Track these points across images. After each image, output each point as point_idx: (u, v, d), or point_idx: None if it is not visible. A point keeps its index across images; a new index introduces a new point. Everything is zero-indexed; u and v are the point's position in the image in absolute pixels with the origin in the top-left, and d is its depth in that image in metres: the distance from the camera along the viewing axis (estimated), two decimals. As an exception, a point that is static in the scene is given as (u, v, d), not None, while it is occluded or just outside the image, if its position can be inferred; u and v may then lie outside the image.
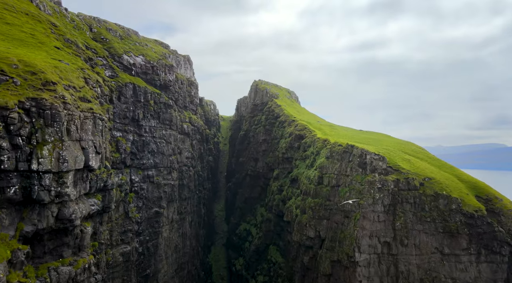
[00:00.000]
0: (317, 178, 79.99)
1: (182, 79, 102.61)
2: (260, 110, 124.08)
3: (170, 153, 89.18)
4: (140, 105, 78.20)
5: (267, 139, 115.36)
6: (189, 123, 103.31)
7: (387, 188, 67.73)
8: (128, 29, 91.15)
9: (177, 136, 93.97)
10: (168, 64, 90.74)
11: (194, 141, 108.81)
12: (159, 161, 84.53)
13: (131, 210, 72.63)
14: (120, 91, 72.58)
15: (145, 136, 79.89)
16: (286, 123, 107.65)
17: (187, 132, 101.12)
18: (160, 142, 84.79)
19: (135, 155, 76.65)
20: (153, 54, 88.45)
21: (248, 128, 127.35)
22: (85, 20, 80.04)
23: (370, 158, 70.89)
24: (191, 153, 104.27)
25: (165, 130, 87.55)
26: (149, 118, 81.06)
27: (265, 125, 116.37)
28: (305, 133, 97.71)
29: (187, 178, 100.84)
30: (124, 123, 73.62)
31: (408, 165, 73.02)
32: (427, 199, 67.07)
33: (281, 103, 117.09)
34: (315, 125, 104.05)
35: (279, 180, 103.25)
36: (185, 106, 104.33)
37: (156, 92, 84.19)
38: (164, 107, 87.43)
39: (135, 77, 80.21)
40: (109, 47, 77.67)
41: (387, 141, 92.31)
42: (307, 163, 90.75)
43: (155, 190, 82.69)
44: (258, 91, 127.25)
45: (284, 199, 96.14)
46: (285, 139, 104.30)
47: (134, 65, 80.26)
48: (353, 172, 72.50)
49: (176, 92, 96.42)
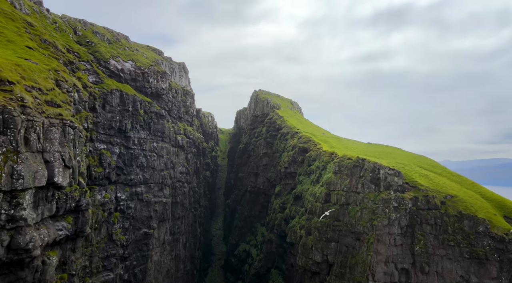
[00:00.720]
0: (323, 195, 72.84)
1: (176, 87, 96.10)
2: (260, 122, 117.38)
3: (162, 167, 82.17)
4: (128, 114, 71.47)
5: (268, 153, 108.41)
6: (183, 136, 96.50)
7: (404, 207, 60.49)
8: (118, 33, 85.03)
9: (170, 149, 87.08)
10: (160, 71, 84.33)
11: (190, 155, 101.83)
12: (149, 176, 77.45)
13: (115, 232, 65.26)
14: (104, 99, 65.93)
15: (133, 149, 72.98)
16: (289, 135, 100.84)
17: (181, 145, 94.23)
18: (150, 155, 77.85)
19: (122, 169, 69.63)
20: (144, 60, 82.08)
21: (248, 141, 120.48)
22: (69, 22, 73.95)
23: (384, 173, 63.80)
24: (185, 168, 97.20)
25: (156, 143, 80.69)
26: (138, 129, 74.28)
27: (266, 137, 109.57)
28: (310, 146, 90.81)
29: (181, 194, 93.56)
30: (109, 135, 66.78)
31: (427, 180, 65.92)
32: (450, 219, 59.75)
33: (283, 114, 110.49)
34: (320, 137, 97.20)
35: (281, 196, 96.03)
36: (180, 117, 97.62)
37: (146, 101, 77.56)
38: (156, 117, 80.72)
39: (123, 84, 73.68)
40: (94, 51, 71.33)
41: (400, 154, 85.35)
42: (312, 178, 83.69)
43: (144, 209, 75.40)
44: (258, 102, 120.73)
45: (287, 218, 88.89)
46: (287, 152, 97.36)
47: (122, 71, 73.79)
48: (365, 189, 65.34)
49: (170, 101, 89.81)
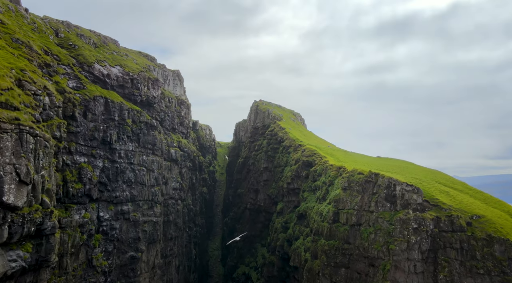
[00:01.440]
0: (331, 214, 65.87)
1: (170, 96, 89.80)
2: (261, 134, 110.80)
3: (152, 183, 75.29)
4: (113, 124, 64.94)
5: (269, 168, 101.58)
6: (177, 148, 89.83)
7: (425, 228, 53.40)
8: (106, 37, 79.07)
9: (162, 163, 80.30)
10: (152, 78, 78.08)
11: (184, 169, 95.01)
12: (138, 193, 70.53)
13: (96, 257, 58.08)
14: (86, 106, 59.48)
15: (119, 162, 66.24)
16: (292, 148, 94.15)
17: (175, 158, 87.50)
18: (139, 169, 71.08)
19: (105, 185, 62.79)
20: (133, 66, 75.91)
21: (248, 155, 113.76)
22: (50, 24, 67.99)
23: (401, 190, 56.87)
24: (179, 183, 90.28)
25: (146, 156, 73.99)
26: (125, 140, 67.66)
27: (267, 151, 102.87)
28: (315, 160, 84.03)
29: (174, 213, 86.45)
30: (91, 146, 60.12)
31: (448, 198, 58.95)
32: (478, 243, 52.59)
33: (285, 126, 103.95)
34: (325, 150, 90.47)
35: (283, 215, 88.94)
36: (173, 129, 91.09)
37: (135, 110, 71.12)
38: (146, 128, 74.17)
39: (109, 90, 67.34)
40: (77, 54, 65.17)
41: (414, 169, 78.46)
42: (317, 195, 76.77)
43: (131, 229, 68.29)
44: (259, 113, 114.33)
45: (290, 239, 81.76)
46: (290, 167, 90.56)
47: (108, 77, 67.50)
48: (379, 207, 58.35)
49: (162, 111, 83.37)
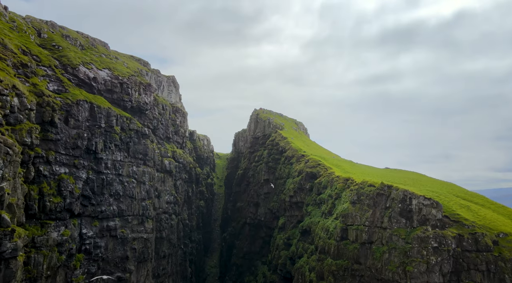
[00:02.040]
0: (339, 230, 60.27)
1: (164, 103, 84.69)
2: (261, 144, 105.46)
3: (143, 196, 69.75)
4: (99, 131, 59.66)
5: (270, 180, 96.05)
6: (172, 159, 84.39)
7: (446, 247, 47.67)
8: (94, 39, 74.25)
9: (154, 175, 74.82)
10: (144, 83, 73.03)
11: (179, 181, 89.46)
12: (127, 207, 64.96)
13: (76, 280, 52.26)
14: (68, 111, 54.24)
15: (105, 173, 60.79)
16: (294, 159, 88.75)
17: (169, 170, 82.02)
18: (128, 181, 65.60)
19: (89, 199, 57.27)
20: (124, 69, 70.90)
21: (247, 166, 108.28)
22: (32, 23, 63.19)
23: (418, 204, 51.26)
24: (174, 196, 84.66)
25: (136, 166, 68.57)
26: (112, 149, 62.31)
27: (267, 162, 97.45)
28: (319, 171, 78.60)
29: (167, 228, 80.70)
30: (73, 155, 54.75)
31: (470, 214, 53.30)
32: (506, 265, 46.84)
33: (287, 135, 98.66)
34: (330, 161, 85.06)
35: (285, 230, 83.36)
36: (168, 138, 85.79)
37: (125, 116, 65.93)
38: (137, 136, 68.90)
39: (96, 95, 62.21)
40: (60, 56, 60.19)
41: (427, 181, 72.86)
42: (323, 209, 71.21)
43: (118, 247, 62.56)
44: (259, 122, 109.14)
45: (293, 257, 76.26)
46: (293, 179, 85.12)
47: (94, 80, 62.41)
48: (393, 223, 52.69)
49: (155, 118, 78.16)
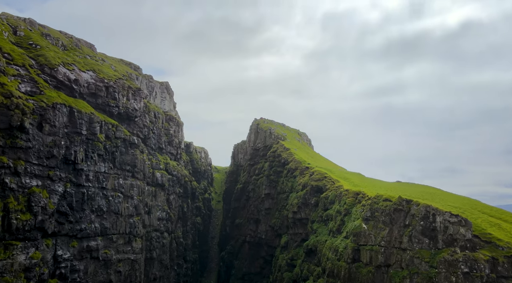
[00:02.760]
0: (350, 251, 53.72)
1: (156, 111, 78.68)
2: (262, 156, 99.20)
3: (130, 212, 63.24)
4: (80, 139, 53.47)
5: (272, 194, 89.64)
6: (164, 171, 78.02)
7: (479, 273, 41.03)
8: (79, 39, 68.61)
9: (144, 188, 68.43)
10: (133, 87, 67.12)
11: (173, 196, 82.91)
12: (111, 225, 58.42)
13: (47, 309, 45.58)
14: (42, 116, 48.14)
15: (86, 186, 54.40)
16: (298, 171, 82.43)
17: (161, 183, 75.60)
18: (114, 195, 59.19)
19: (67, 215, 50.79)
20: (110, 72, 65.04)
21: (247, 180, 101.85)
22: (8, 20, 57.52)
23: (443, 221, 44.73)
24: (166, 212, 78.05)
25: (123, 179, 62.22)
26: (95, 160, 56.06)
27: (269, 175, 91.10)
28: (326, 185, 72.25)
29: (158, 248, 73.89)
30: (48, 166, 48.46)
31: (503, 233, 46.70)
32: (551, 293, 40.20)
33: (289, 146, 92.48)
34: (337, 173, 78.75)
35: (289, 250, 76.77)
36: (160, 148, 79.58)
37: (110, 123, 59.84)
38: (124, 145, 62.71)
39: (78, 99, 56.21)
40: (37, 55, 54.36)
41: (446, 196, 66.27)
42: (330, 226, 64.76)
43: (101, 271, 55.80)
44: (259, 133, 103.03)
45: (297, 279, 69.84)
46: (296, 193, 78.74)
47: (76, 82, 56.45)
48: (415, 244, 46.11)
49: (146, 126, 72.05)
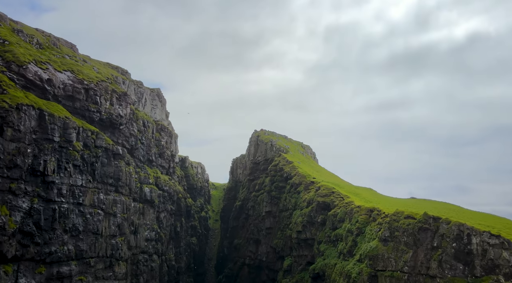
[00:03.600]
0: (366, 277, 46.34)
1: (145, 119, 72.01)
2: (262, 171, 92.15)
3: (113, 231, 55.98)
4: (51, 147, 46.63)
5: (273, 212, 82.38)
6: (154, 186, 70.92)
7: (529, 307, 33.68)
8: (58, 38, 62.40)
9: (130, 205, 61.28)
10: (118, 91, 60.60)
11: (164, 214, 75.57)
12: (88, 247, 51.10)
13: None
14: (3, 118, 41.39)
15: (58, 202, 47.31)
16: (302, 186, 75.31)
17: (150, 199, 68.46)
18: (92, 213, 52.03)
19: (32, 236, 43.57)
20: (91, 73, 58.58)
21: (246, 196, 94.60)
22: (-25, 13, 51.35)
23: (481, 243, 37.48)
24: (156, 232, 70.63)
25: (105, 194, 55.12)
26: (70, 171, 49.09)
27: (270, 191, 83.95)
28: (334, 201, 65.11)
29: (146, 272, 66.24)
30: (9, 178, 41.50)
31: (550, 255, 39.34)
32: None
33: (292, 159, 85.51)
34: (347, 188, 71.63)
35: (292, 274, 69.24)
36: (150, 161, 72.66)
37: (90, 130, 53.06)
38: (106, 155, 55.83)
39: (51, 102, 49.59)
40: (5, 51, 47.96)
41: (470, 214, 58.65)
42: (340, 248, 57.36)
43: (74, 301, 48.30)
44: (259, 145, 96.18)
45: (303, 309, 61.67)
46: (300, 210, 71.54)
47: (49, 83, 49.89)
48: (446, 270, 38.76)
49: (133, 136, 65.26)
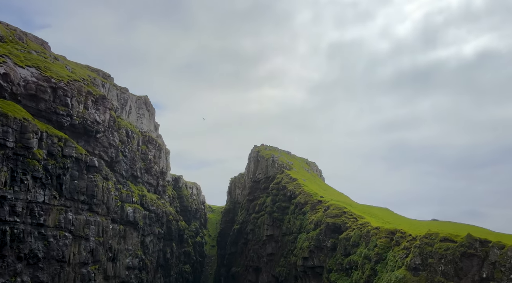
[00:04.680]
0: (390, 316, 37.46)
1: (129, 129, 64.10)
2: (263, 190, 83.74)
3: (84, 258, 47.37)
4: (2, 154, 38.64)
5: (276, 236, 73.73)
6: (138, 206, 62.48)
7: None
8: (26, 33, 55.22)
9: (107, 227, 52.82)
10: (95, 93, 52.93)
11: (150, 237, 66.83)
12: (50, 278, 42.56)
13: None
14: None
15: (11, 222, 39.05)
16: (308, 206, 66.90)
17: (133, 220, 59.95)
18: (57, 235, 43.63)
19: (-28, 264, 35.16)
20: (63, 72, 51.02)
21: (245, 218, 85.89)
22: None
23: (549, 272, 28.95)
24: (140, 259, 61.77)
25: (74, 213, 46.79)
26: (28, 184, 40.96)
27: (271, 212, 75.42)
28: (346, 222, 56.63)
29: (126, 307, 57.25)
30: None
31: None
32: None
33: (297, 177, 77.24)
34: (360, 208, 63.19)
35: (298, 309, 60.04)
36: (134, 176, 64.43)
37: (56, 136, 45.18)
38: (77, 167, 47.75)
39: (7, 101, 41.87)
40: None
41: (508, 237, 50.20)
42: (355, 278, 48.77)
43: None
44: (260, 161, 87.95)
45: None
46: (307, 233, 62.98)
47: (6, 78, 42.32)
48: (501, 309, 30.12)
49: (113, 147, 57.25)
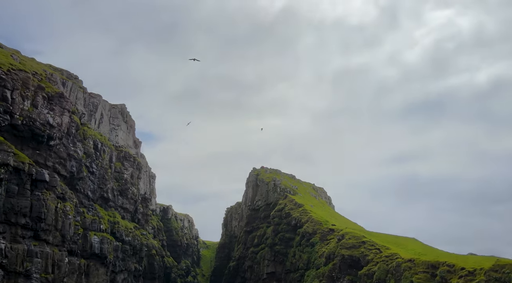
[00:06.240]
0: None
1: (99, 140, 53.88)
2: (263, 219, 72.76)
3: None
4: None
5: (278, 273, 62.36)
6: (108, 235, 51.52)
7: None
8: None
9: (61, 260, 41.89)
10: (49, 90, 43.02)
11: (123, 275, 55.31)
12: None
13: None
14: None
15: None
16: (317, 236, 56.01)
17: (99, 253, 48.87)
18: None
19: None
20: (4, 60, 41.28)
21: (243, 253, 74.41)
22: None
23: None
24: (107, 303, 50.21)
25: (11, 241, 36.02)
26: None
27: (273, 244, 64.33)
28: (366, 254, 45.72)
29: None
30: None
31: None
32: None
33: (302, 202, 66.49)
34: (383, 238, 52.19)
35: None
36: (104, 199, 53.75)
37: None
38: (17, 181, 37.52)
39: None
40: None
41: None
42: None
43: None
44: (260, 186, 77.15)
45: None
46: (316, 270, 51.93)
47: None
48: None
49: (75, 159, 46.85)
